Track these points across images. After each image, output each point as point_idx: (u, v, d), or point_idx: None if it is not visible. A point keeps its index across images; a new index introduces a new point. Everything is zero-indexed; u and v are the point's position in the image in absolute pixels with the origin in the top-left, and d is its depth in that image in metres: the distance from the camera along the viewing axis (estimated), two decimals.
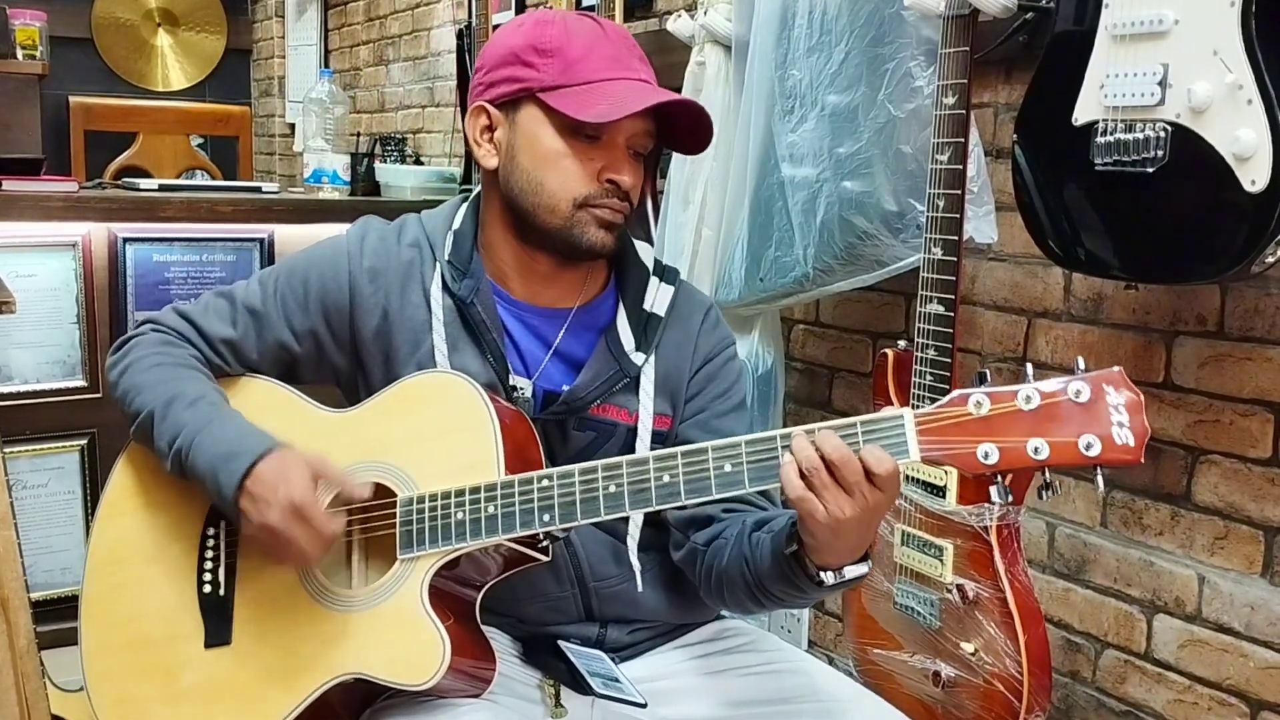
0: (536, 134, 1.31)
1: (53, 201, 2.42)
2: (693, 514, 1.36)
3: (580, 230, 1.31)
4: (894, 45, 1.90)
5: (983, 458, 1.04)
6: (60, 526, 2.48)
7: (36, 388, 2.44)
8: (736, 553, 1.29)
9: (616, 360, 1.36)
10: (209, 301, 1.43)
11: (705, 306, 1.45)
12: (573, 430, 1.36)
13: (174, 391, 1.33)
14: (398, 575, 1.24)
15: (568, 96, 1.29)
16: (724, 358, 1.43)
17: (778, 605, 1.29)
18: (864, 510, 1.08)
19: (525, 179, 1.32)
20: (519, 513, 1.20)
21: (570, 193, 1.30)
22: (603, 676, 1.35)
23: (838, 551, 1.14)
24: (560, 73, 1.29)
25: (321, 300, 1.39)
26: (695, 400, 1.41)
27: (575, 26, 1.32)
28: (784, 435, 1.11)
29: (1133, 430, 1.02)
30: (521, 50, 1.31)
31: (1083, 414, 1.03)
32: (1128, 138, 1.49)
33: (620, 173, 1.31)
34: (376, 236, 1.41)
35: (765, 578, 1.24)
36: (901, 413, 1.07)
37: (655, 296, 1.40)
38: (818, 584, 1.18)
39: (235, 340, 1.40)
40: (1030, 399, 1.04)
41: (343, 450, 1.30)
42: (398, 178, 3.05)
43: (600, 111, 1.26)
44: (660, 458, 1.15)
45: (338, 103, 3.22)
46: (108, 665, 1.34)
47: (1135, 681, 1.85)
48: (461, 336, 1.36)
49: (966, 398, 1.06)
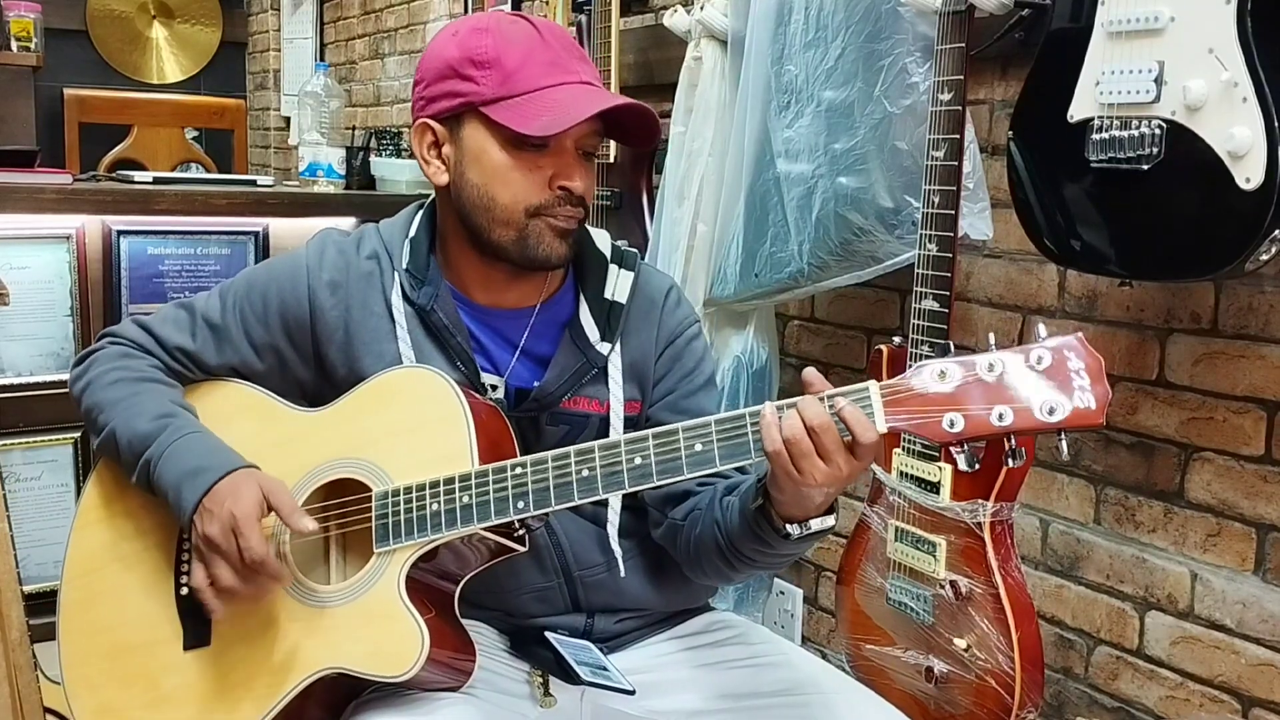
0: (482, 148, 1.30)
1: (47, 194, 2.41)
2: (668, 492, 1.37)
3: (535, 241, 1.30)
4: (890, 41, 1.90)
5: (948, 426, 1.05)
6: (53, 519, 2.47)
7: (30, 380, 2.44)
8: (709, 518, 1.30)
9: (583, 353, 1.36)
10: (168, 313, 1.44)
11: (665, 288, 1.44)
12: (546, 426, 1.37)
13: (136, 408, 1.33)
14: (374, 569, 1.24)
15: (509, 109, 1.27)
16: (687, 337, 1.43)
17: (750, 567, 1.30)
18: (837, 478, 1.09)
19: (476, 194, 1.31)
20: (493, 501, 1.20)
21: (521, 204, 1.29)
22: (591, 665, 1.35)
23: (805, 507, 1.16)
24: (499, 84, 1.27)
25: (281, 315, 1.39)
26: (663, 382, 1.41)
27: (511, 33, 1.29)
28: (752, 413, 1.11)
29: (1094, 394, 1.03)
30: (458, 63, 1.29)
31: (1045, 380, 1.04)
32: (1123, 135, 1.50)
33: (571, 179, 1.29)
34: (335, 250, 1.41)
35: (735, 538, 1.25)
36: (867, 385, 1.08)
37: (615, 284, 1.40)
38: (784, 536, 1.18)
39: (193, 351, 1.40)
40: (993, 367, 1.05)
41: (317, 448, 1.30)
42: (393, 171, 3.04)
43: (544, 124, 1.25)
44: (631, 440, 1.16)
45: (333, 96, 3.22)
46: (87, 674, 1.33)
47: (1127, 678, 1.86)
48: (426, 343, 1.36)
49: (931, 368, 1.07)
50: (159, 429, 1.30)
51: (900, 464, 1.81)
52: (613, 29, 2.51)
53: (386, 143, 3.29)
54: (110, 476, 1.39)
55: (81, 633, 1.35)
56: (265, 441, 1.34)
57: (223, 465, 1.26)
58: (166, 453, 1.28)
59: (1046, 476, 1.96)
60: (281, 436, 1.33)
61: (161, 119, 4.33)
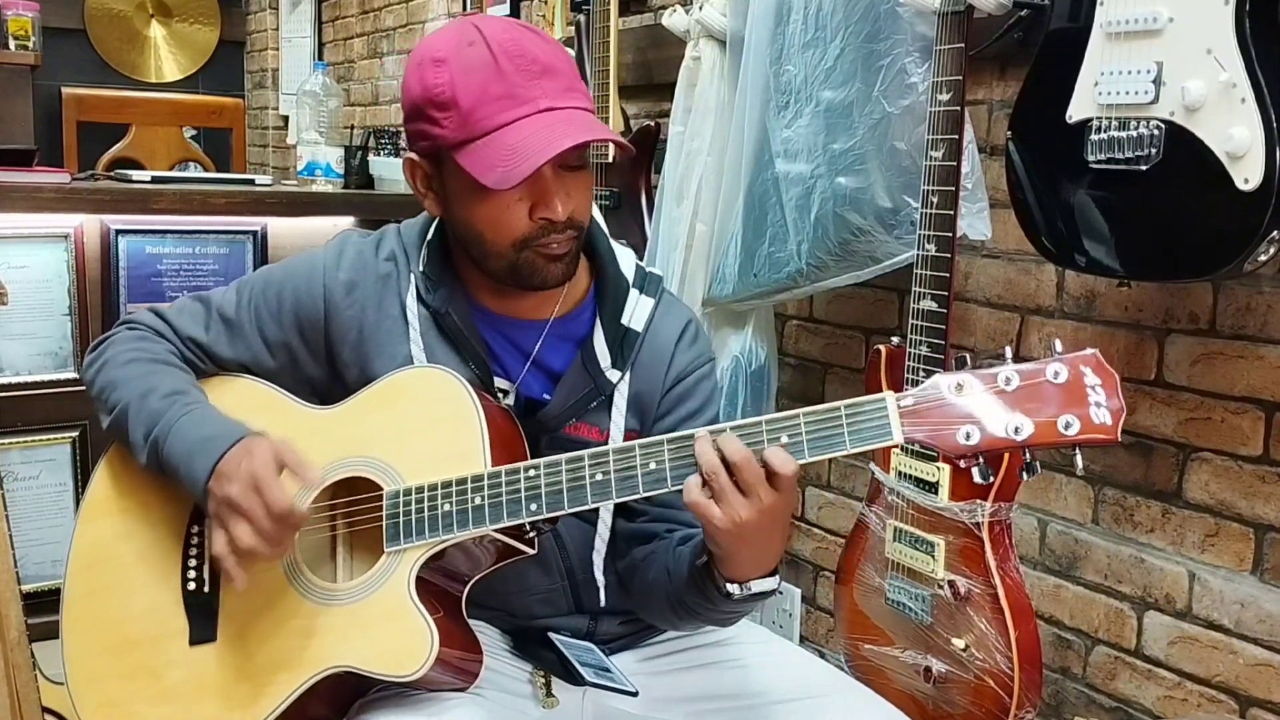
0: (461, 189, 1.28)
1: (45, 193, 2.41)
2: (638, 529, 1.37)
3: (529, 270, 1.29)
4: (889, 41, 1.90)
5: (964, 439, 1.06)
6: (51, 519, 2.47)
7: (28, 379, 2.44)
8: (660, 565, 1.30)
9: (592, 378, 1.35)
10: (184, 304, 1.44)
11: (684, 321, 1.42)
12: (545, 449, 1.35)
13: (149, 385, 1.33)
14: (384, 568, 1.24)
15: (471, 154, 1.23)
16: (697, 376, 1.41)
17: (695, 619, 1.29)
18: (760, 514, 1.08)
19: (465, 229, 1.31)
20: (506, 503, 1.19)
21: (507, 239, 1.28)
22: (594, 666, 1.35)
23: (742, 562, 1.15)
24: (459, 127, 1.24)
25: (295, 313, 1.39)
26: (665, 420, 1.39)
27: (466, 63, 1.23)
28: (714, 431, 1.11)
29: (1109, 409, 1.05)
30: (423, 104, 1.26)
31: (1061, 394, 1.05)
32: (1121, 135, 1.50)
33: (550, 208, 1.25)
34: (354, 250, 1.41)
35: (681, 589, 1.25)
36: (884, 396, 1.08)
37: (634, 311, 1.38)
38: (725, 595, 1.18)
39: (205, 343, 1.40)
40: (1010, 381, 1.06)
41: (328, 446, 1.30)
42: (391, 170, 3.04)
43: (499, 177, 1.21)
44: (646, 445, 1.15)
45: (331, 95, 3.22)
46: (92, 668, 1.33)
47: (1125, 678, 1.86)
48: (440, 346, 1.36)
49: (948, 380, 1.07)
50: (167, 405, 1.30)
51: (899, 464, 1.81)
52: (611, 29, 2.51)
53: (385, 142, 3.29)
54: (117, 470, 1.39)
55: (86, 627, 1.35)
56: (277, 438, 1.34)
57: (233, 433, 1.26)
58: (175, 426, 1.28)
59: (1045, 477, 1.96)
60: (293, 434, 1.32)
61: (160, 118, 4.33)
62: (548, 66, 1.25)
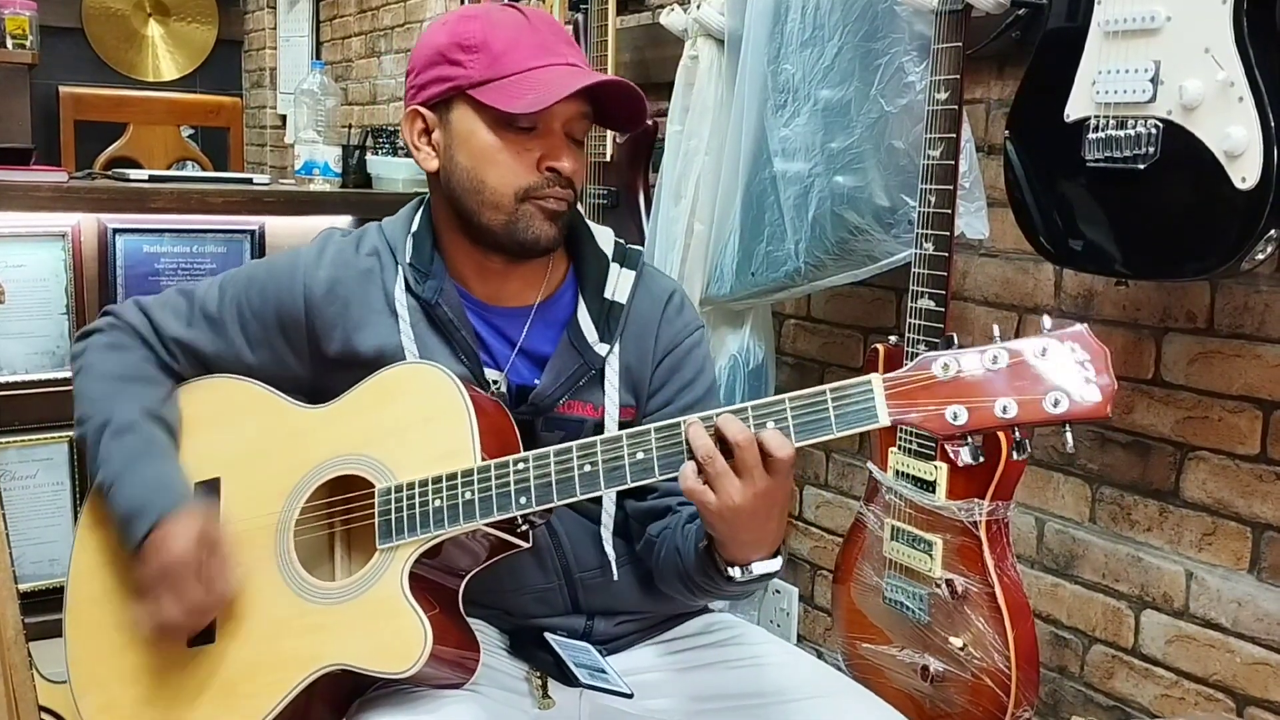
0: (471, 131, 1.31)
1: (42, 192, 2.41)
2: (650, 506, 1.37)
3: (525, 224, 1.31)
4: (887, 40, 1.90)
5: (952, 419, 1.05)
6: (48, 518, 2.47)
7: (25, 378, 2.44)
8: (672, 543, 1.31)
9: (580, 354, 1.35)
10: (169, 297, 1.44)
11: (667, 293, 1.43)
12: (541, 432, 1.36)
13: (108, 414, 1.34)
14: (377, 565, 1.24)
15: (496, 90, 1.28)
16: (686, 346, 1.42)
17: (708, 597, 1.31)
18: (755, 497, 1.08)
19: (465, 177, 1.32)
20: (495, 496, 1.19)
21: (511, 186, 1.30)
22: (589, 668, 1.35)
23: (742, 545, 1.16)
24: (487, 67, 1.29)
25: (277, 311, 1.39)
26: (660, 393, 1.40)
27: (499, 19, 1.31)
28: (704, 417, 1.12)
29: (1099, 386, 1.02)
30: (447, 49, 1.31)
31: (1049, 372, 1.03)
32: (1119, 134, 1.50)
33: (559, 159, 1.30)
34: (335, 249, 1.41)
35: (690, 568, 1.26)
36: (870, 378, 1.08)
37: (616, 284, 1.39)
38: (727, 579, 1.19)
39: (187, 341, 1.41)
40: (997, 359, 1.05)
41: (320, 445, 1.30)
42: (389, 170, 3.04)
43: (529, 101, 1.26)
44: (633, 435, 1.15)
45: (329, 94, 3.22)
46: (92, 672, 1.34)
47: (1123, 676, 1.86)
48: (430, 337, 1.36)
49: (934, 361, 1.06)
50: (119, 449, 1.32)
51: (896, 463, 1.81)
52: (609, 28, 2.51)
53: (383, 141, 3.28)
54: None
55: (88, 629, 1.35)
56: (269, 438, 1.34)
57: (163, 506, 1.27)
58: (120, 479, 1.31)
59: (1042, 475, 1.96)
60: (285, 433, 1.33)
61: (157, 117, 4.33)
62: (572, 42, 1.35)
